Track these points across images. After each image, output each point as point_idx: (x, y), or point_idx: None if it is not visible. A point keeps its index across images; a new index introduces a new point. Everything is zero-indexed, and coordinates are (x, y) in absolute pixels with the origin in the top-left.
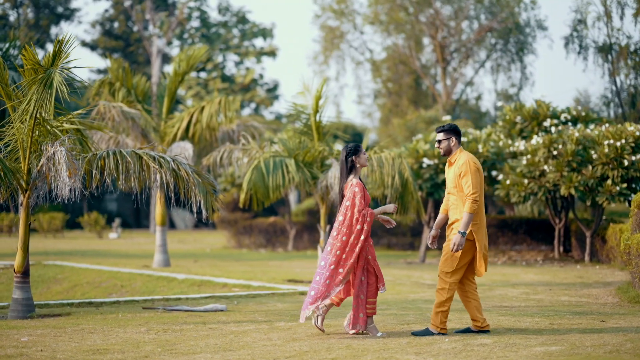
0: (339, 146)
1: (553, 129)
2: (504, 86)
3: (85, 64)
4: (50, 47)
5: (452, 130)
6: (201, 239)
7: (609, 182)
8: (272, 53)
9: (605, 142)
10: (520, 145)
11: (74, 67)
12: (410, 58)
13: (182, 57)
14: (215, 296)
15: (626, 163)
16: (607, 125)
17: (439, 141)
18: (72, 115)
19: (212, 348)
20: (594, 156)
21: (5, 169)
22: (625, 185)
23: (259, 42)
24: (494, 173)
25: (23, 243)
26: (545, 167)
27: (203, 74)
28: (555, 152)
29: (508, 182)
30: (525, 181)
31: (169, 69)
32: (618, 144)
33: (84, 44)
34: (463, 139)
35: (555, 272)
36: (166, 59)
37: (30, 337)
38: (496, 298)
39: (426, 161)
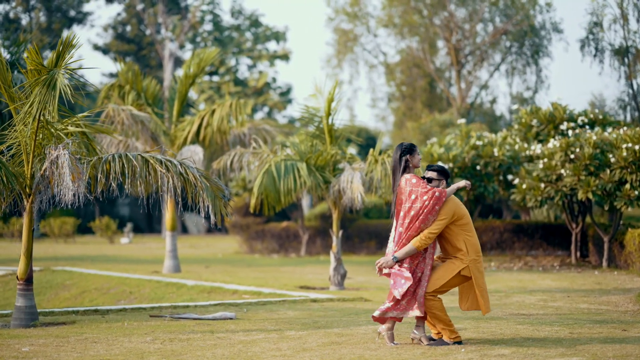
0: (352, 150)
1: (570, 132)
2: (519, 89)
3: (91, 65)
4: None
5: (444, 173)
6: (213, 244)
7: (627, 186)
8: (285, 56)
9: (624, 146)
10: (537, 148)
11: (79, 68)
12: (425, 61)
13: (195, 60)
14: (225, 303)
15: None
16: (625, 128)
17: (430, 179)
18: (76, 118)
19: (219, 359)
20: (612, 160)
21: (7, 173)
22: None
23: (272, 46)
24: (509, 177)
25: (26, 249)
26: (562, 171)
27: (216, 78)
28: (572, 156)
29: (524, 186)
30: (542, 185)
31: (181, 72)
32: (637, 147)
33: (96, 47)
34: (478, 142)
35: (573, 278)
36: (178, 62)
37: (31, 347)
38: (513, 305)
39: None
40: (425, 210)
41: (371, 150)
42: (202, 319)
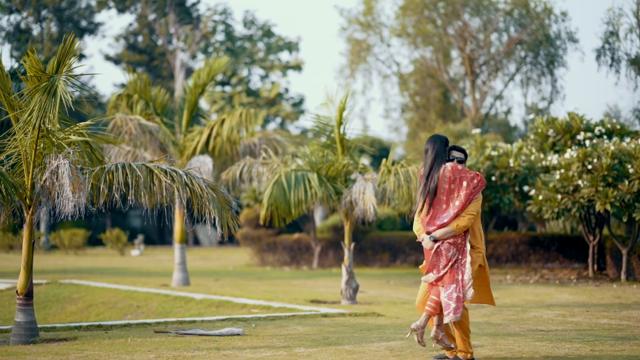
0: (365, 161)
1: (587, 142)
2: (534, 100)
3: (102, 76)
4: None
5: (466, 154)
6: (225, 256)
7: None
8: (297, 67)
9: None
10: (553, 159)
11: (80, 75)
12: (438, 71)
13: (205, 69)
14: (233, 318)
15: None
16: None
17: (460, 160)
18: (79, 127)
19: None
20: (631, 170)
21: (7, 184)
22: None
23: (284, 56)
24: (525, 188)
25: (26, 263)
26: (580, 182)
27: (228, 89)
28: (589, 167)
29: (540, 197)
30: (559, 197)
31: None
32: None
33: (107, 58)
34: (493, 153)
35: (591, 291)
36: (190, 73)
37: None
38: (531, 321)
39: None
40: (475, 193)
41: (384, 160)
42: (209, 335)
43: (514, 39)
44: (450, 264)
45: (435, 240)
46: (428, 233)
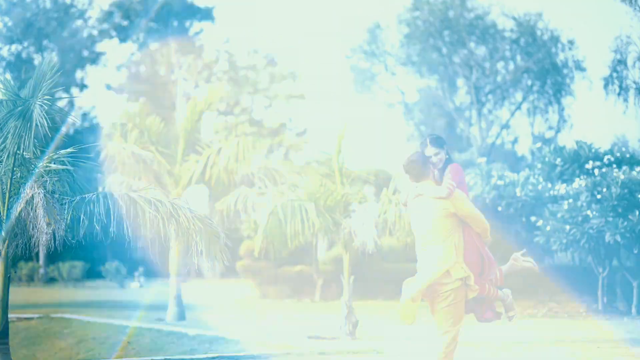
0: (369, 190)
1: (596, 171)
2: (541, 129)
3: (104, 106)
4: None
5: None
6: (227, 288)
7: None
8: (301, 96)
9: None
10: (561, 188)
11: (57, 99)
12: (444, 100)
13: (202, 97)
14: (224, 357)
15: None
16: None
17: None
18: (58, 155)
19: None
20: None
21: None
22: None
23: (288, 85)
24: (533, 218)
25: (1, 300)
26: (589, 212)
27: (231, 118)
28: (598, 196)
29: (548, 228)
30: (567, 227)
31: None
32: None
33: (109, 87)
34: (499, 182)
35: (601, 326)
36: None
37: None
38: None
39: None
40: None
41: (384, 190)
42: None
43: (521, 68)
44: None
45: None
46: None
